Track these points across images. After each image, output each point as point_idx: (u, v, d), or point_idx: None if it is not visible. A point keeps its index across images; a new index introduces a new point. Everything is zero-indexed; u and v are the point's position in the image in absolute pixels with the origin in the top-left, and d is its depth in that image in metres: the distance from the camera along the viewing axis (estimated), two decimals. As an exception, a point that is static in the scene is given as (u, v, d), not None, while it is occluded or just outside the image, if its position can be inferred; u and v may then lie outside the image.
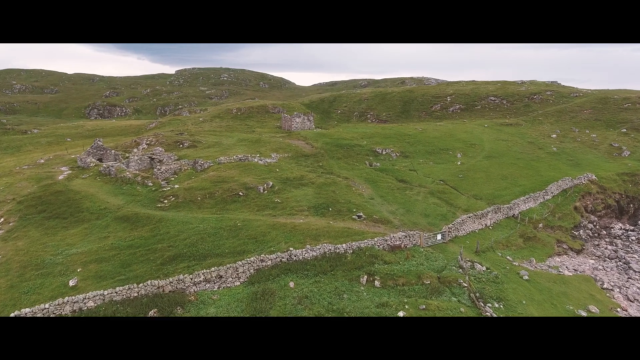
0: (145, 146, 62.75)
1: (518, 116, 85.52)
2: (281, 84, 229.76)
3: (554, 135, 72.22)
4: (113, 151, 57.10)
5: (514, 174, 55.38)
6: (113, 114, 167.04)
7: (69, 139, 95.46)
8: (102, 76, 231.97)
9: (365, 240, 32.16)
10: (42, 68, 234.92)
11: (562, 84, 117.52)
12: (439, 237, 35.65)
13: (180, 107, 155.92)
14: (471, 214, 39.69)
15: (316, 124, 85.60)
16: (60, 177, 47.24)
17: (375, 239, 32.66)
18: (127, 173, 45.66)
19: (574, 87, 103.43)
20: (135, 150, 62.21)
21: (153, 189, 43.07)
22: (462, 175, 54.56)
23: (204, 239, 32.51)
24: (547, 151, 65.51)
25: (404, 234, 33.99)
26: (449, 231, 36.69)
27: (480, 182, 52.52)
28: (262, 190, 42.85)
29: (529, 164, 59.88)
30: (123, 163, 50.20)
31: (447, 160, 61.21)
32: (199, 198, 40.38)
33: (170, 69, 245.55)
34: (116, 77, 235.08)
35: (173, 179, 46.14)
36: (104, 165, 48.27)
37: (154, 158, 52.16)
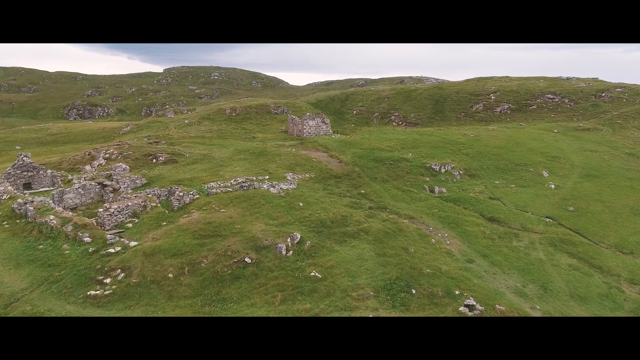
0: (103, 162, 43.72)
1: (587, 118, 67.98)
2: (274, 84, 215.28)
3: (656, 144, 54.74)
4: (50, 171, 37.99)
5: (645, 205, 37.54)
6: (94, 114, 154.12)
7: (18, 147, 75.89)
8: (86, 74, 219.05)
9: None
10: (22, 66, 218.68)
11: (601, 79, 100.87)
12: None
13: (167, 106, 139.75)
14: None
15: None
16: (-56, 221, 28.15)
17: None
18: (52, 217, 26.70)
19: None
20: (87, 167, 43.20)
21: (91, 248, 24.18)
22: (573, 208, 36.58)
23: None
24: (663, 167, 47.87)
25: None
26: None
27: (608, 221, 34.59)
28: (284, 252, 24.27)
29: (651, 187, 42.14)
30: (54, 195, 31.21)
31: (533, 182, 43.18)
32: (171, 275, 21.60)
33: (160, 69, 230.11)
34: (100, 75, 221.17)
35: (130, 225, 27.27)
36: (20, 201, 29.29)
37: (106, 185, 33.24)
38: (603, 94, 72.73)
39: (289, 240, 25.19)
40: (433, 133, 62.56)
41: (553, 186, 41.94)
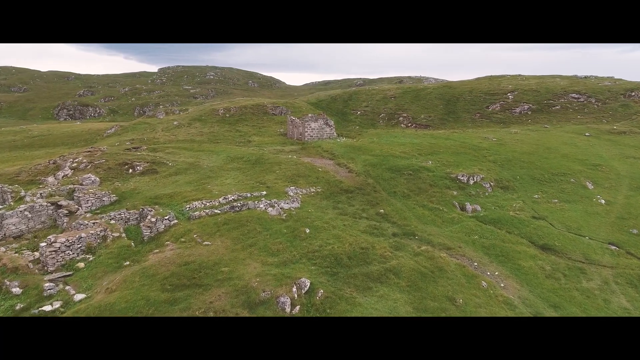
0: (69, 172, 36.81)
1: (617, 120, 61.58)
2: (271, 83, 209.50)
3: None
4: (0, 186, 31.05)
5: None
6: (85, 114, 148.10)
7: (-11, 152, 68.67)
8: (79, 74, 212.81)
9: None
10: (13, 65, 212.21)
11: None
12: None
13: (160, 106, 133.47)
14: None
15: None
16: None
17: None
18: (-25, 255, 19.86)
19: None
20: (50, 179, 36.30)
21: (19, 305, 17.33)
22: (637, 231, 30.04)
23: None
24: None
25: None
26: None
27: (685, 248, 28.04)
28: (288, 308, 17.52)
29: None
30: (-9, 220, 24.31)
31: (578, 195, 36.62)
32: (124, 354, 14.91)
33: (156, 69, 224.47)
34: (94, 75, 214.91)
35: (82, 265, 20.42)
36: (-58, 229, 22.42)
37: (61, 205, 26.36)
38: (633, 94, 66.31)
39: (294, 289, 18.42)
40: (449, 136, 56.00)
41: (603, 201, 35.38)
